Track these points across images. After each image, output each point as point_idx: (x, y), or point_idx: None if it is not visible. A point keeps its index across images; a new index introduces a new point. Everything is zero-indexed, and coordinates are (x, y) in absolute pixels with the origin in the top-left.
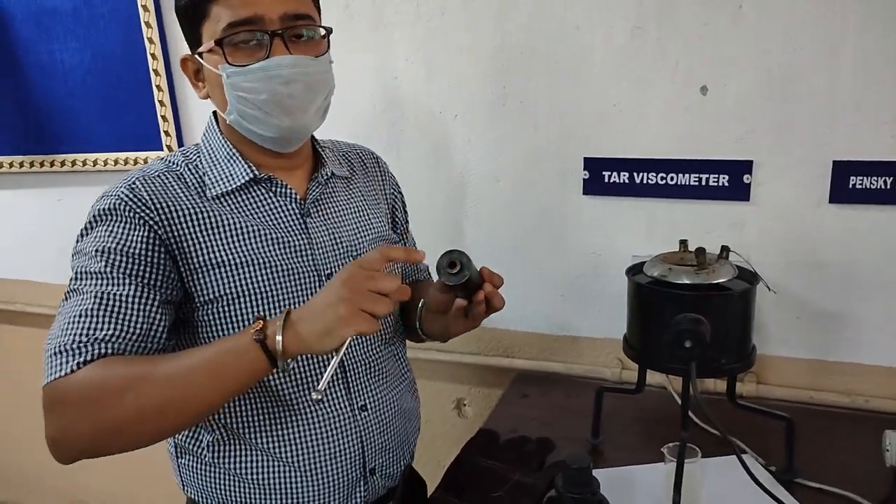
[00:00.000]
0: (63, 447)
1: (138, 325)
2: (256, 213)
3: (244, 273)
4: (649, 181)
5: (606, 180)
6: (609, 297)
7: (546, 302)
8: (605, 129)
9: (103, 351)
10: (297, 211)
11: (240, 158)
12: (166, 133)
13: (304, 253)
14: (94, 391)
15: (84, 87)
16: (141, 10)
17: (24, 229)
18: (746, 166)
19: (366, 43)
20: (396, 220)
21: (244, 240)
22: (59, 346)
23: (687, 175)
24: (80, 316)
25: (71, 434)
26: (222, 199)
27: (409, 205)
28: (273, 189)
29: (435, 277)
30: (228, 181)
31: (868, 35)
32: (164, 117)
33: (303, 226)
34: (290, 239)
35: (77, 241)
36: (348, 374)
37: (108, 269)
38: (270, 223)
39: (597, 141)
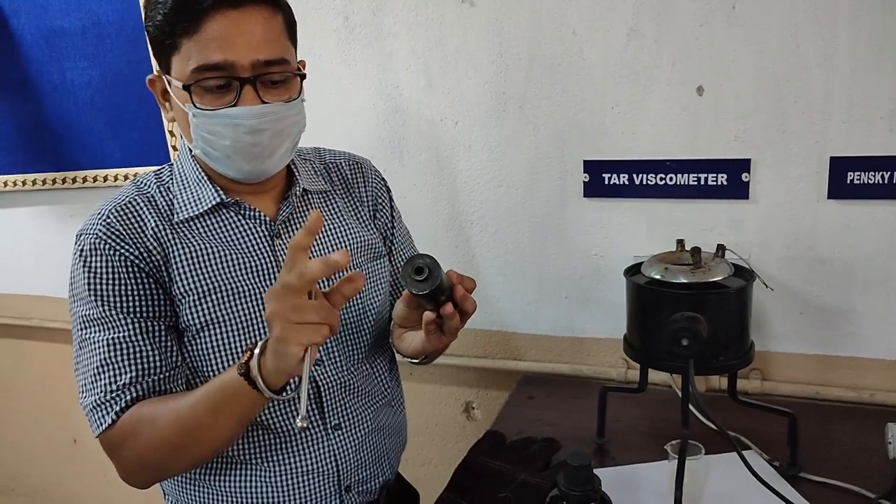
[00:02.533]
0: (130, 481)
1: (154, 359)
2: (224, 237)
3: (212, 301)
4: (649, 182)
5: (607, 182)
6: (612, 298)
7: (550, 304)
8: (604, 132)
9: (133, 395)
10: (265, 233)
11: (208, 182)
12: (174, 148)
13: (272, 276)
14: (133, 442)
15: (93, 104)
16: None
17: (39, 246)
18: (745, 165)
19: (366, 53)
20: (378, 223)
21: (210, 267)
22: (95, 402)
23: (686, 175)
24: (101, 367)
25: (130, 472)
26: (190, 224)
27: (412, 212)
28: (241, 212)
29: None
30: (195, 205)
31: (862, 31)
32: (171, 132)
33: (270, 248)
34: (257, 263)
35: (70, 284)
36: (322, 394)
37: (109, 312)
38: (238, 247)
39: (596, 143)
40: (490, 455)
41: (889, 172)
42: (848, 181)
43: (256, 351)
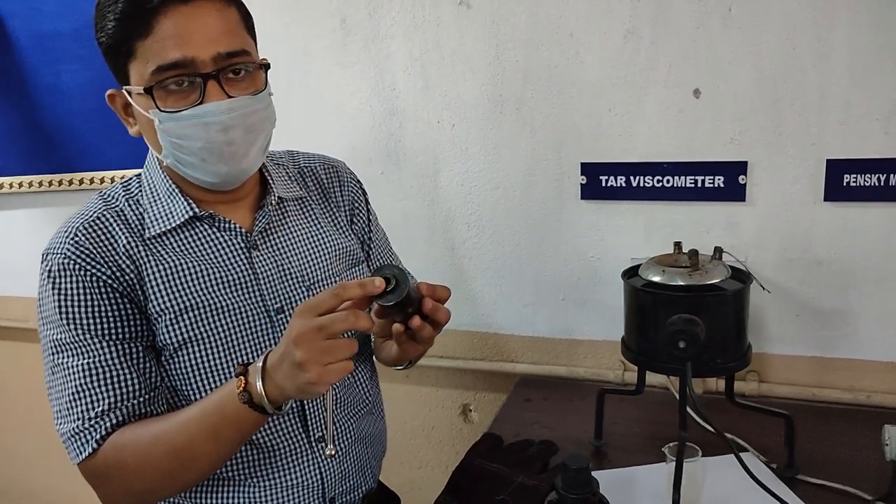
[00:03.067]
0: None
1: (132, 383)
2: (198, 252)
3: (190, 319)
4: (646, 184)
5: (604, 184)
6: (609, 300)
7: (548, 306)
8: (602, 134)
9: (113, 421)
10: (241, 245)
11: (179, 195)
12: None
13: (249, 289)
14: (118, 471)
15: (88, 106)
16: None
17: (35, 248)
18: (741, 167)
19: (363, 56)
20: (356, 227)
21: (186, 283)
22: (73, 430)
23: (683, 177)
24: (76, 393)
25: (115, 501)
26: (162, 239)
27: (409, 214)
28: (216, 225)
29: (431, 279)
30: (167, 220)
31: (858, 33)
32: None
33: (248, 260)
34: (234, 276)
35: (39, 307)
36: (305, 407)
37: (82, 336)
38: (213, 262)
39: (593, 146)
40: (487, 457)
41: (885, 175)
42: (844, 183)
43: (257, 375)
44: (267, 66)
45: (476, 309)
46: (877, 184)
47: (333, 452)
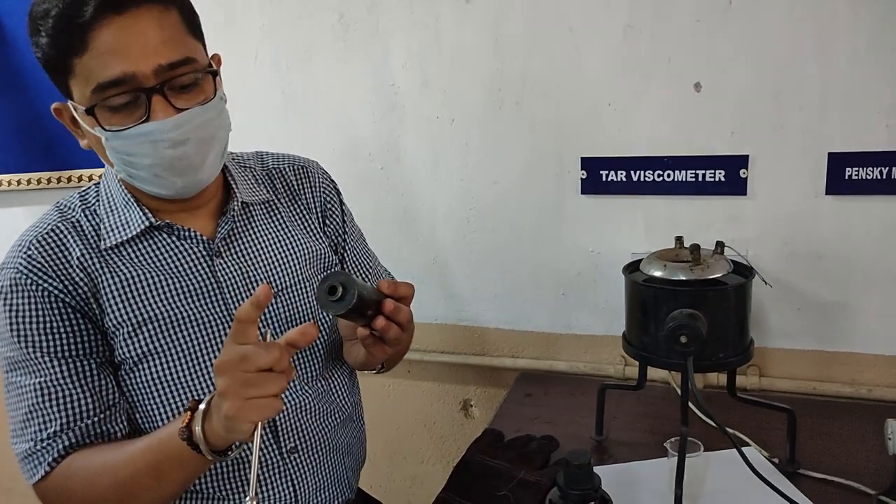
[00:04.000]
0: None
1: (85, 403)
2: (157, 262)
3: (149, 332)
4: (646, 179)
5: (604, 179)
6: (610, 295)
7: (548, 301)
8: (602, 129)
9: (66, 443)
10: (203, 253)
11: (135, 205)
12: None
13: (212, 299)
14: (66, 498)
15: None
16: None
17: None
18: (742, 161)
19: (361, 51)
20: (329, 229)
21: (144, 295)
22: (26, 451)
23: (684, 171)
24: (29, 414)
25: None
26: (119, 250)
27: (408, 210)
28: (174, 233)
29: (431, 274)
30: (123, 230)
31: (860, 26)
32: None
33: (210, 269)
34: (195, 286)
35: None
36: (277, 417)
37: (34, 354)
38: (173, 272)
39: (593, 140)
40: (488, 453)
41: (887, 168)
42: (846, 177)
43: (199, 412)
44: (215, 73)
45: (476, 304)
46: (879, 177)
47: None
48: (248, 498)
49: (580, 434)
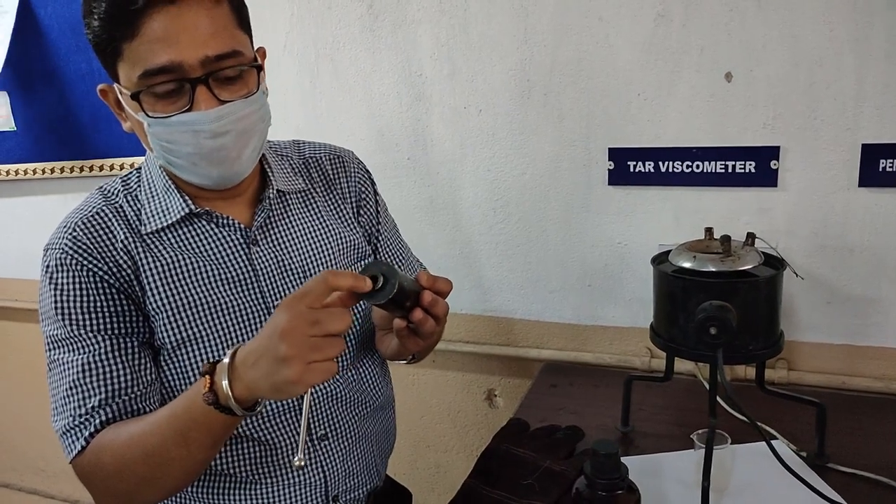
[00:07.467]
0: None
1: (125, 378)
2: (196, 248)
3: (188, 317)
4: (675, 170)
5: (632, 170)
6: (637, 287)
7: (574, 292)
8: (630, 119)
9: (104, 417)
10: (240, 241)
11: (175, 191)
12: None
13: (249, 286)
14: (99, 472)
15: None
16: None
17: None
18: (773, 152)
19: (390, 41)
20: (362, 219)
21: (184, 281)
22: (65, 427)
23: (713, 163)
24: (70, 389)
25: (101, 501)
26: (160, 235)
27: (435, 200)
28: (213, 221)
29: (457, 264)
30: (164, 216)
31: None
32: None
33: (247, 257)
34: (232, 273)
35: (39, 302)
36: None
37: (77, 331)
38: (211, 258)
39: (621, 131)
40: (514, 442)
41: None
42: (880, 169)
43: (224, 380)
44: (259, 68)
45: (502, 294)
46: None
47: (302, 464)
48: (296, 458)
49: (606, 425)
